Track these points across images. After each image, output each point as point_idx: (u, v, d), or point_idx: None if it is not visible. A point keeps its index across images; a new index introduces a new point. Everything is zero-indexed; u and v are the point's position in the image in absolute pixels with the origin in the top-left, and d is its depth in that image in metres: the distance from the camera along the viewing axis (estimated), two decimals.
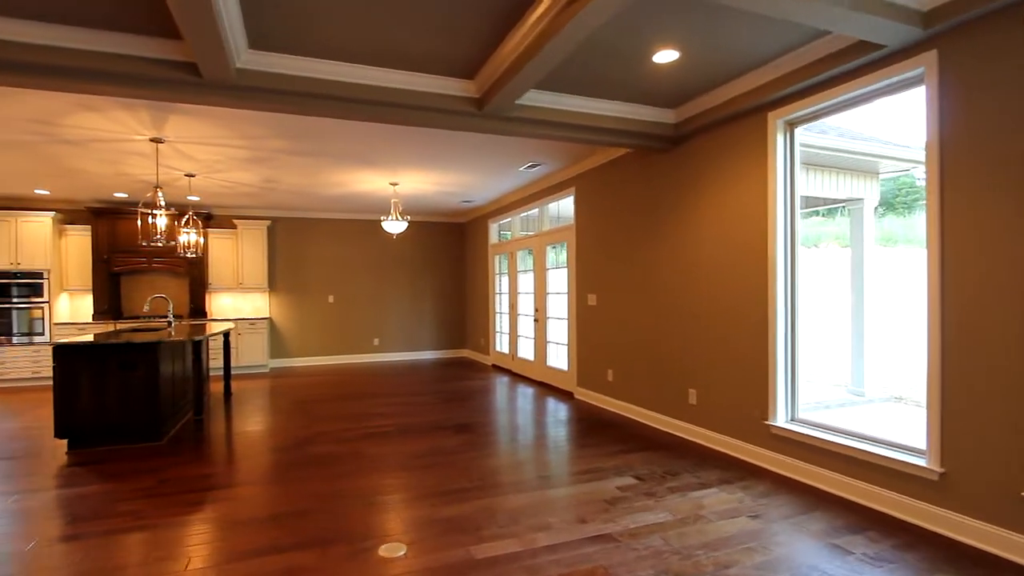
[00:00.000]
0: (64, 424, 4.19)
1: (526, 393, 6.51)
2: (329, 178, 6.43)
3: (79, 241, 7.49)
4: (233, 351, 7.88)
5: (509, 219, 8.18)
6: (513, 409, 5.65)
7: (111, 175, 6.03)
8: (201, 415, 5.23)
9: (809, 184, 4.79)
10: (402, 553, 2.48)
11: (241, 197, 7.49)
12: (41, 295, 7.09)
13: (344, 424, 5.01)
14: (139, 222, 4.69)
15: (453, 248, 9.90)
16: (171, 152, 5.18)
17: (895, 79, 2.89)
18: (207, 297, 8.10)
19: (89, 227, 7.40)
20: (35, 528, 2.86)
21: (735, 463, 3.81)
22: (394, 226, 6.86)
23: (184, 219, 5.96)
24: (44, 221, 7.14)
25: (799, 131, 3.54)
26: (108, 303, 7.45)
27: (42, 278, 7.09)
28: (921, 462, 2.79)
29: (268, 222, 8.38)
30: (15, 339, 7.01)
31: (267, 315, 8.54)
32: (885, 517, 2.90)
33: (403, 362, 9.17)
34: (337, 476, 3.60)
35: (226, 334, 6.42)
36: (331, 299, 9.05)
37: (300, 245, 8.88)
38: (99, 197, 7.23)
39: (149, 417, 4.40)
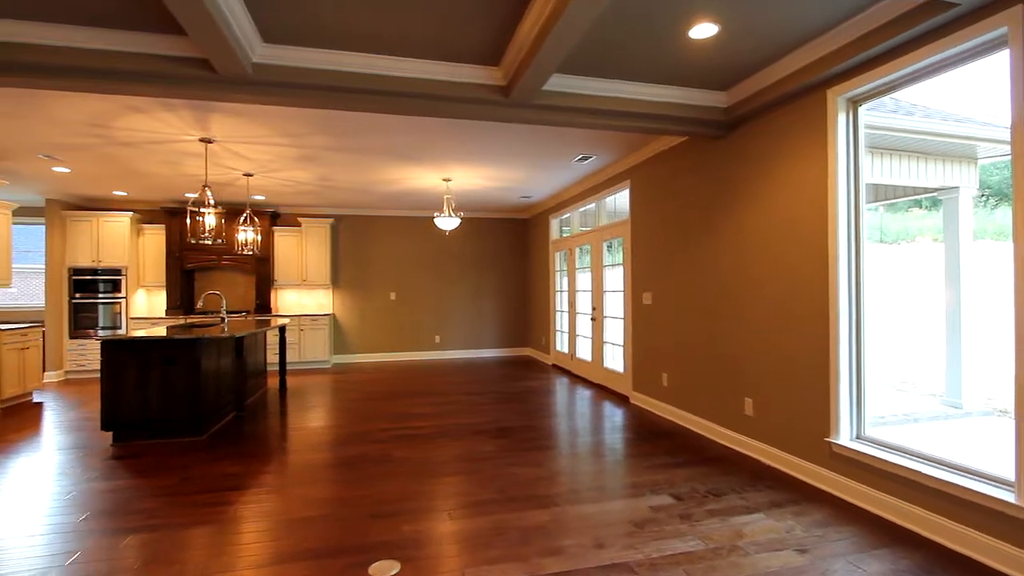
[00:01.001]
0: (110, 417, 4.46)
1: (580, 396, 6.30)
2: (381, 175, 6.55)
3: (155, 240, 8.15)
4: (296, 347, 8.30)
5: (568, 214, 7.97)
6: (562, 413, 5.48)
7: (174, 176, 6.46)
8: (242, 412, 5.30)
9: (891, 171, 4.20)
10: (394, 573, 2.36)
11: (303, 195, 7.83)
12: (120, 291, 7.81)
13: (385, 424, 5.07)
14: (188, 220, 4.94)
15: (516, 244, 9.83)
16: (224, 152, 5.46)
17: (972, 43, 2.43)
18: (273, 293, 8.57)
19: (163, 226, 8.04)
20: (42, 521, 2.98)
21: (791, 483, 3.42)
22: (446, 222, 6.88)
23: (242, 218, 6.31)
24: (123, 221, 7.81)
25: (864, 110, 3.08)
26: (180, 298, 8.06)
27: (120, 275, 7.80)
28: (1008, 496, 2.33)
29: (331, 220, 8.72)
30: (100, 332, 7.77)
31: (330, 311, 8.90)
32: (961, 559, 2.46)
33: (464, 360, 9.23)
34: (359, 480, 3.59)
35: (282, 330, 6.74)
36: (393, 296, 9.29)
37: (362, 242, 9.17)
38: (171, 197, 7.82)
39: (189, 412, 4.58)
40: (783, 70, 3.35)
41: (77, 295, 7.79)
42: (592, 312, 6.93)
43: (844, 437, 3.19)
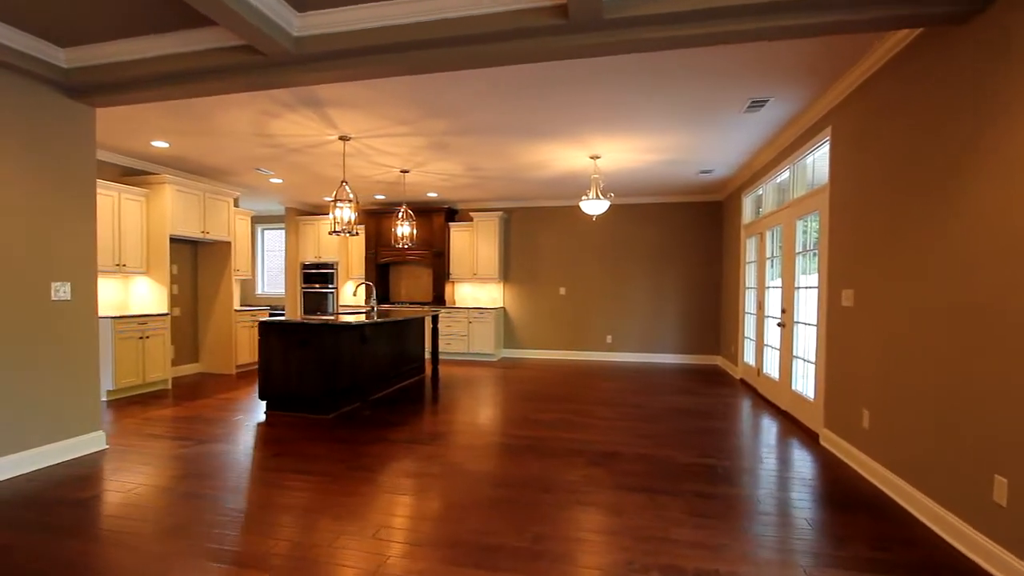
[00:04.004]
0: (264, 390, 4.95)
1: (757, 424, 4.74)
2: (521, 158, 6.00)
3: (359, 238, 9.13)
4: (464, 338, 8.34)
5: (761, 189, 6.22)
6: (710, 445, 4.12)
7: (351, 178, 7.00)
8: (364, 399, 5.35)
9: None
10: None
11: (465, 189, 7.79)
12: (332, 283, 8.94)
13: (513, 428, 4.52)
14: (331, 214, 5.15)
15: (704, 233, 8.24)
16: (366, 149, 5.61)
17: None
18: (450, 287, 8.82)
19: (364, 225, 8.92)
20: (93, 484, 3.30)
21: None
22: (593, 206, 5.98)
23: (399, 214, 6.48)
24: None
25: None
26: (376, 289, 8.87)
27: (332, 269, 8.93)
28: None
29: (501, 213, 8.56)
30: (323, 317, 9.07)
31: (500, 305, 8.76)
32: None
33: (637, 365, 8.10)
34: (394, 494, 3.11)
35: (434, 319, 6.73)
36: (562, 291, 8.68)
37: (531, 235, 8.79)
38: (369, 200, 8.62)
39: (318, 392, 4.82)
40: None
41: (305, 286, 9.29)
42: (780, 315, 5.19)
43: None
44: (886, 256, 3.25)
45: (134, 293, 6.17)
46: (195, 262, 7.14)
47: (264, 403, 5.19)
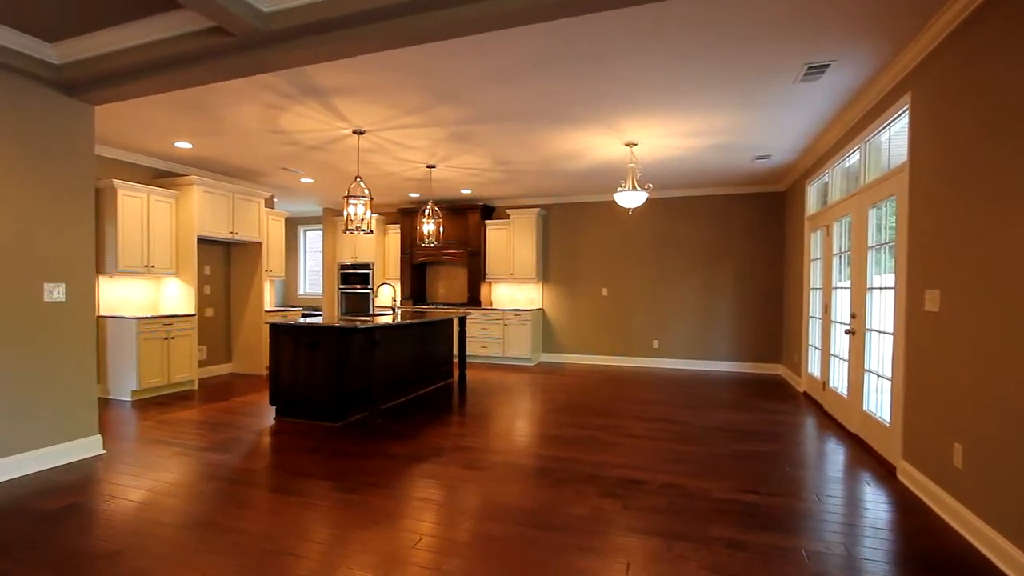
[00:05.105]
0: (274, 394, 4.74)
1: (816, 449, 4.02)
2: (548, 147, 5.50)
3: (395, 238, 8.91)
4: (500, 341, 7.93)
5: (827, 175, 5.40)
6: (755, 475, 3.47)
7: (378, 176, 6.77)
8: (372, 407, 4.69)
9: None
10: None
11: (498, 185, 7.37)
12: (370, 283, 8.77)
13: (504, 447, 4.07)
14: (345, 212, 4.89)
15: (762, 228, 7.40)
16: (384, 143, 5.32)
17: None
18: (484, 287, 8.42)
19: (399, 225, 8.70)
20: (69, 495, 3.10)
21: None
22: (628, 198, 5.39)
23: (424, 210, 6.16)
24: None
25: None
26: (411, 290, 8.61)
27: (369, 269, 8.76)
28: None
29: (538, 210, 8.07)
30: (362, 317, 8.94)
31: (539, 307, 8.28)
32: None
33: (687, 373, 7.38)
34: (365, 527, 2.73)
35: (461, 322, 6.36)
36: (605, 292, 8.08)
37: (571, 233, 8.25)
38: (403, 198, 8.40)
39: (327, 398, 4.55)
40: None
41: (345, 286, 9.21)
42: (850, 321, 4.41)
43: None
44: (985, 248, 2.52)
45: (165, 294, 6.21)
46: (228, 263, 7.15)
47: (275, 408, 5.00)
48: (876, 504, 3.01)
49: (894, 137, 3.87)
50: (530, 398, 5.75)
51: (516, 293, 8.53)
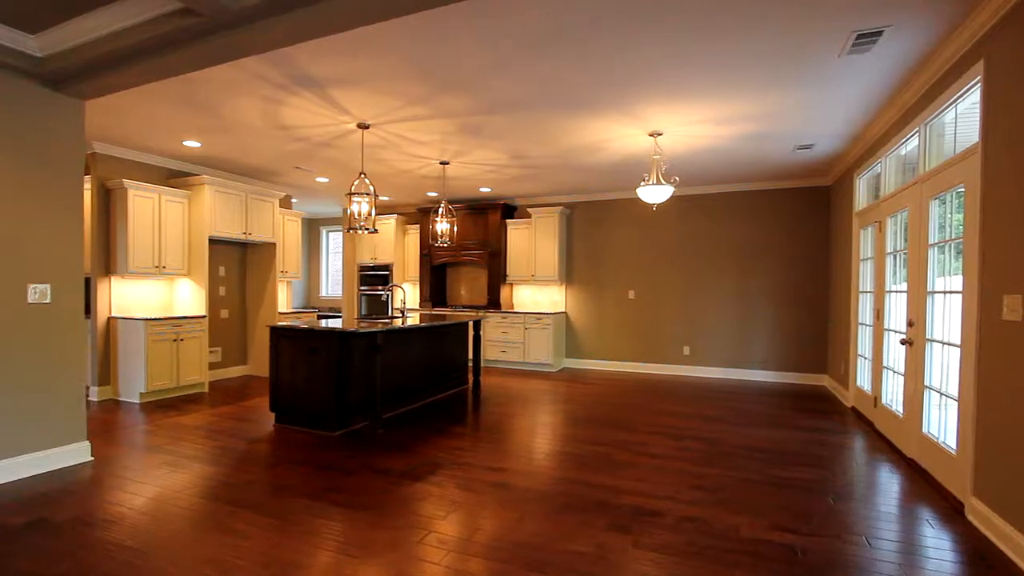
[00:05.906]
0: (274, 400, 4.52)
1: (866, 478, 3.50)
2: (566, 138, 5.11)
3: (414, 239, 8.67)
4: (520, 346, 7.57)
5: (878, 165, 4.82)
6: (793, 508, 3.00)
7: (391, 174, 6.52)
8: (372, 416, 4.40)
9: None
10: None
11: (521, 182, 7.02)
12: (387, 284, 8.56)
13: (508, 465, 3.71)
14: (348, 210, 4.63)
15: (805, 226, 6.79)
16: (394, 138, 5.06)
17: None
18: (505, 289, 8.07)
19: (418, 225, 8.45)
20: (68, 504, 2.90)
21: None
22: (652, 193, 4.94)
23: (438, 210, 5.87)
24: (389, 222, 8.55)
25: None
26: (430, 291, 8.35)
27: (388, 270, 8.54)
28: None
29: (561, 208, 7.67)
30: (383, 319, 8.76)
31: (562, 309, 7.87)
32: None
33: (722, 382, 6.84)
34: (323, 561, 2.42)
35: (476, 325, 6.03)
36: (632, 295, 7.61)
37: (596, 232, 7.81)
38: (422, 198, 8.15)
39: (326, 406, 4.30)
40: None
41: (365, 288, 9.04)
42: (906, 329, 3.86)
43: None
44: None
45: (178, 295, 6.13)
46: (243, 264, 7.05)
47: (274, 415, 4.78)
48: (939, 550, 2.51)
49: (961, 117, 3.32)
50: (546, 408, 5.37)
51: (538, 295, 8.15)
